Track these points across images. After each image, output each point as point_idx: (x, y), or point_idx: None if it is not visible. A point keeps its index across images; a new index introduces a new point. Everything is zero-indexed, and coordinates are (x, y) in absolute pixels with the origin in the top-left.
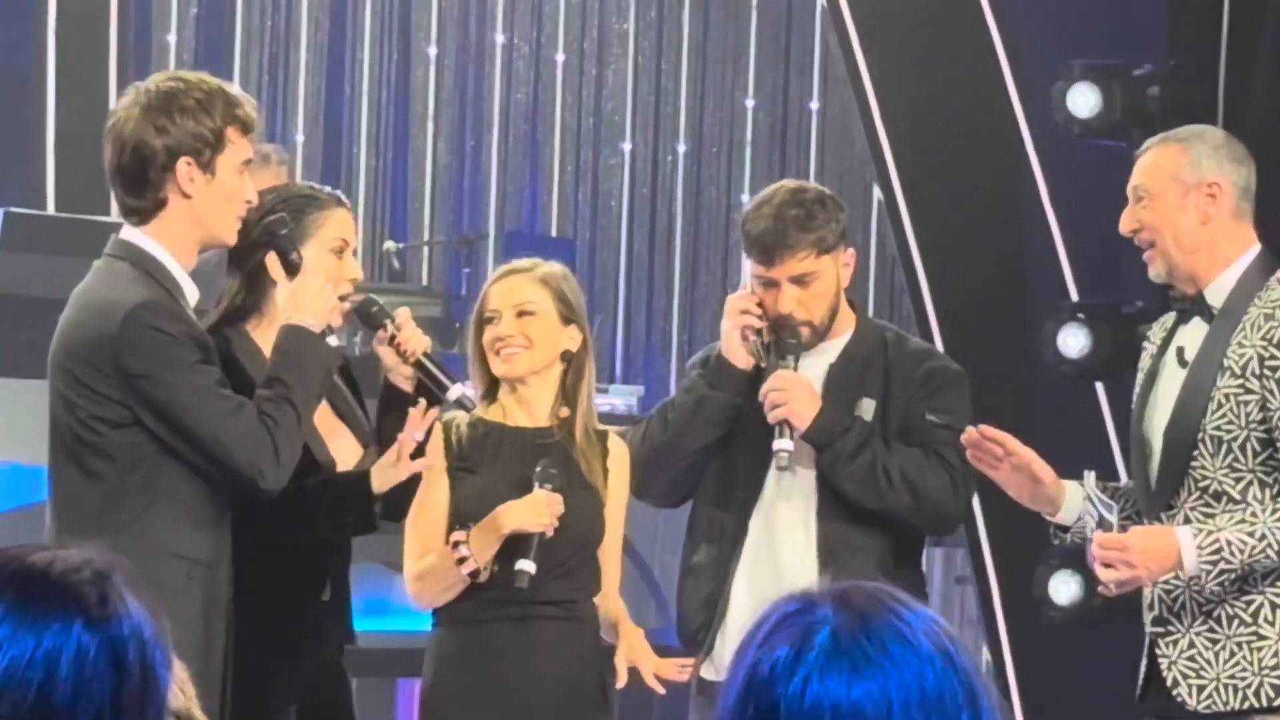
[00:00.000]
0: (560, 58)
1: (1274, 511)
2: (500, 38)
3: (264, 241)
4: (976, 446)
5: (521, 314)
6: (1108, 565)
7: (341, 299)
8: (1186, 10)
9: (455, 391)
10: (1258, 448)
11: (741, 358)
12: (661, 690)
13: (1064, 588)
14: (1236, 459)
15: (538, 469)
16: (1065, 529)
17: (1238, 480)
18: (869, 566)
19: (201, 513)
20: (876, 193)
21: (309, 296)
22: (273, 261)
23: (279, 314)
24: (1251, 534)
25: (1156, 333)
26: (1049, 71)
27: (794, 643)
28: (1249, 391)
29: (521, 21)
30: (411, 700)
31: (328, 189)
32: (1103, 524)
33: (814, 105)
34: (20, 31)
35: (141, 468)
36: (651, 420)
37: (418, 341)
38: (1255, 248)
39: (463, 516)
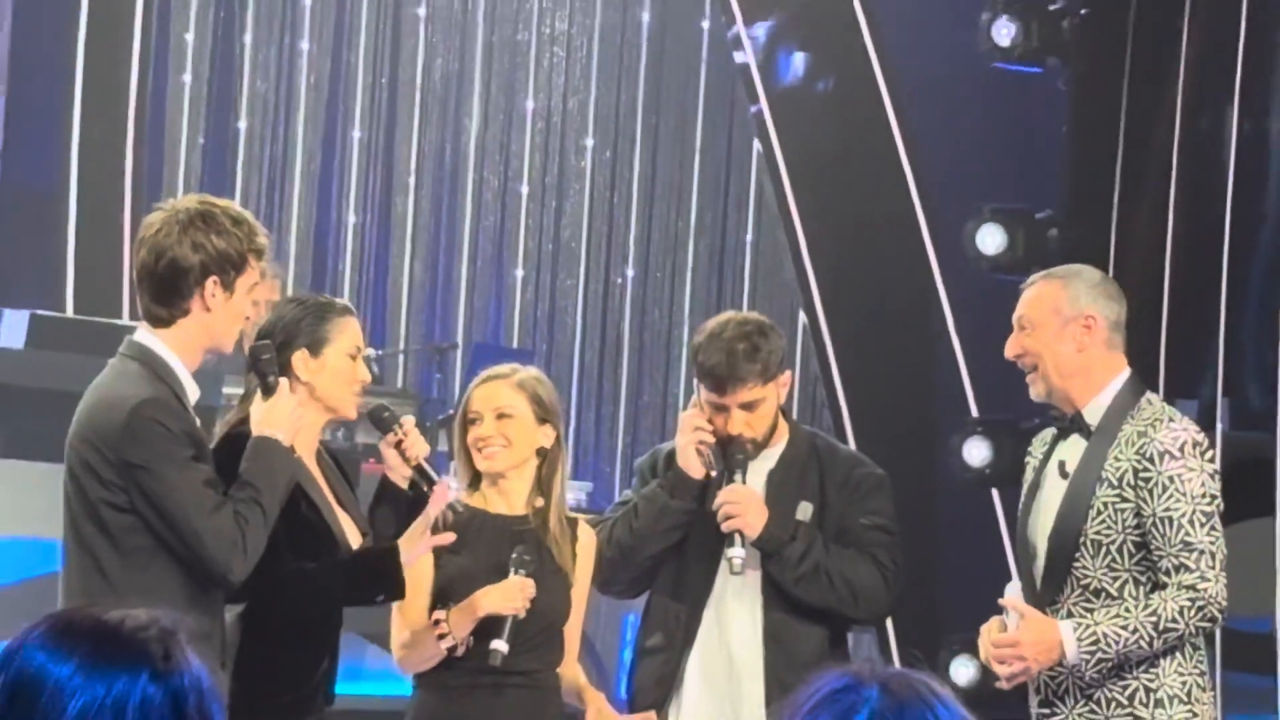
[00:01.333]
0: (524, 190)
1: (1145, 607)
2: (472, 172)
3: (249, 363)
4: (997, 662)
5: (500, 416)
6: (1001, 662)
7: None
8: (1083, 162)
9: (449, 484)
10: (1133, 550)
11: (697, 469)
12: None
13: (963, 671)
14: (1114, 560)
15: (514, 555)
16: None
17: (1115, 579)
18: (808, 650)
19: (194, 592)
20: (802, 317)
21: (280, 414)
22: (298, 361)
23: (259, 427)
24: (1125, 627)
25: (1038, 447)
26: (959, 213)
27: (836, 717)
28: (1125, 500)
29: (490, 158)
30: None
31: (339, 300)
32: (1003, 626)
33: (749, 238)
34: (47, 157)
35: (141, 551)
36: (616, 525)
37: (420, 447)
38: (1126, 372)
39: (444, 595)
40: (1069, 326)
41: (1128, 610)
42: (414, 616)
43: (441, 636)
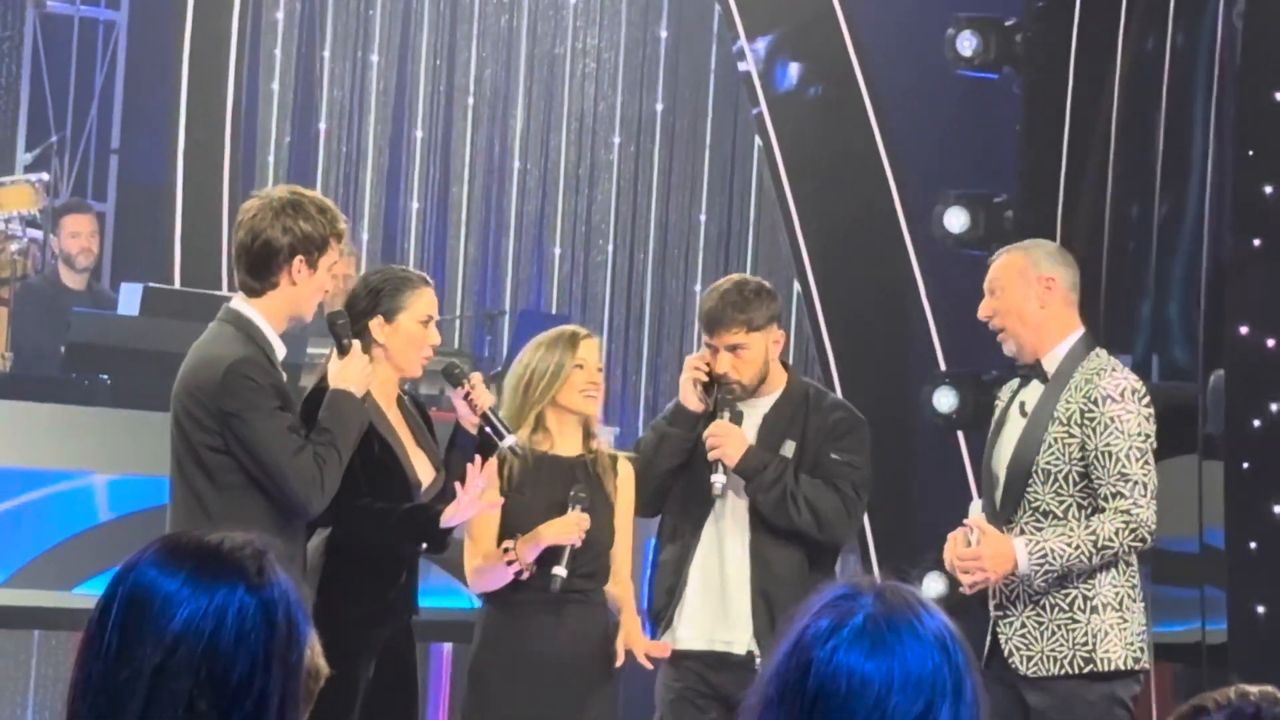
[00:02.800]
0: (561, 180)
1: (1086, 527)
2: (517, 164)
3: (335, 330)
4: (960, 570)
5: (599, 369)
6: (965, 572)
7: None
8: (1034, 154)
9: (508, 440)
10: (1077, 479)
11: (692, 401)
12: (650, 666)
13: (934, 585)
14: (1061, 487)
15: (571, 493)
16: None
17: (1061, 503)
18: (788, 569)
19: (280, 522)
20: (796, 286)
21: (353, 371)
22: (375, 325)
23: (334, 381)
24: (1069, 544)
25: (1004, 392)
26: (929, 197)
27: (834, 619)
28: (1072, 436)
29: (532, 153)
30: (442, 659)
31: (417, 271)
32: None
33: (751, 220)
34: (158, 155)
35: (235, 487)
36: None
37: (485, 398)
38: (1080, 329)
39: (511, 527)
40: (1032, 286)
41: (1071, 530)
42: (486, 546)
43: (510, 563)
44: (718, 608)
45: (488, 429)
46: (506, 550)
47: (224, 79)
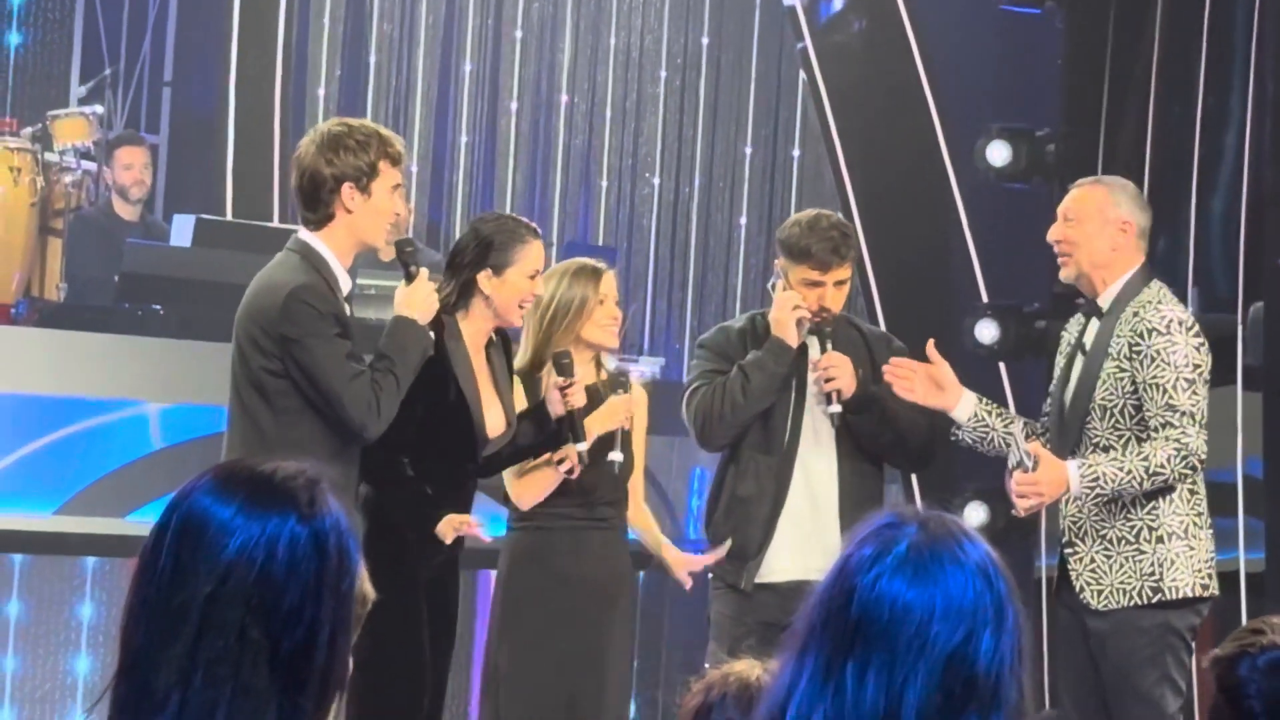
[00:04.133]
0: (608, 114)
1: (1139, 454)
2: (564, 97)
3: (402, 257)
4: (893, 374)
5: (618, 303)
6: (1021, 496)
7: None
8: (1075, 87)
9: (582, 446)
10: (1132, 412)
11: (794, 338)
12: (688, 584)
13: (974, 515)
14: (1117, 421)
15: (607, 381)
16: (959, 426)
17: (1120, 437)
18: (868, 492)
19: (334, 447)
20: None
21: (418, 299)
22: (483, 278)
23: (399, 308)
24: (1120, 469)
25: (1071, 329)
26: (972, 131)
27: (878, 547)
28: (1123, 370)
29: (580, 85)
30: (489, 585)
31: (527, 221)
32: (1022, 466)
33: (795, 153)
34: (209, 86)
35: (292, 411)
36: (718, 392)
37: (579, 399)
38: (1138, 264)
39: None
40: (1109, 227)
41: (1124, 456)
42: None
43: (559, 462)
44: (810, 537)
45: (566, 424)
46: (556, 455)
47: (275, 12)
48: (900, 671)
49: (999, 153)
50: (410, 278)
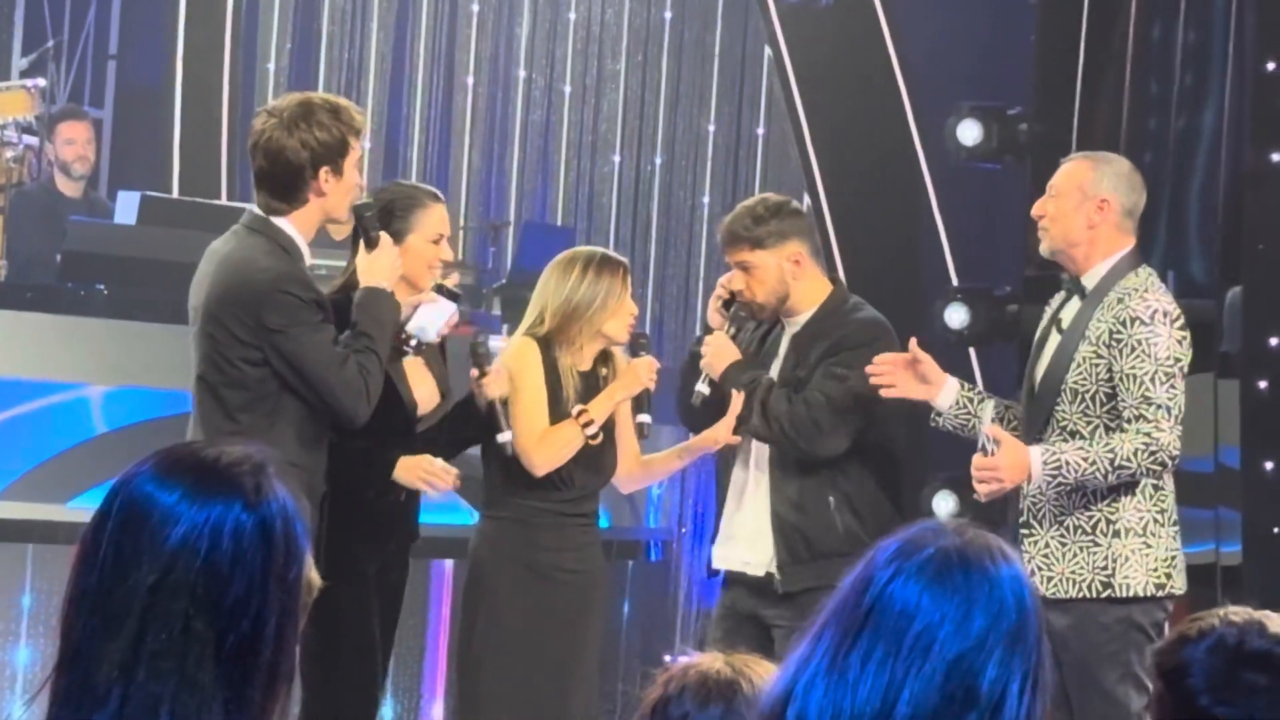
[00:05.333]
0: (567, 89)
1: (1105, 444)
2: (522, 73)
3: (363, 223)
4: (873, 372)
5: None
6: (981, 482)
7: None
8: (1049, 64)
9: (504, 436)
10: (1104, 399)
11: (715, 319)
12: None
13: (943, 503)
14: (1088, 407)
15: (631, 344)
16: (940, 414)
17: (1088, 423)
18: (803, 491)
19: (309, 434)
20: (806, 199)
21: (383, 264)
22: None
23: (364, 277)
24: (1085, 458)
25: (1053, 303)
26: (942, 109)
27: (907, 548)
28: (1100, 357)
29: (538, 61)
30: (444, 576)
31: (427, 187)
32: (983, 450)
33: (760, 131)
34: (155, 58)
35: (269, 398)
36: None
37: (494, 391)
38: (1127, 247)
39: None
40: (1087, 203)
41: (1090, 445)
42: (543, 423)
43: (586, 425)
44: (740, 529)
45: (488, 414)
46: (581, 413)
47: None
48: (901, 667)
49: (970, 132)
50: (371, 243)
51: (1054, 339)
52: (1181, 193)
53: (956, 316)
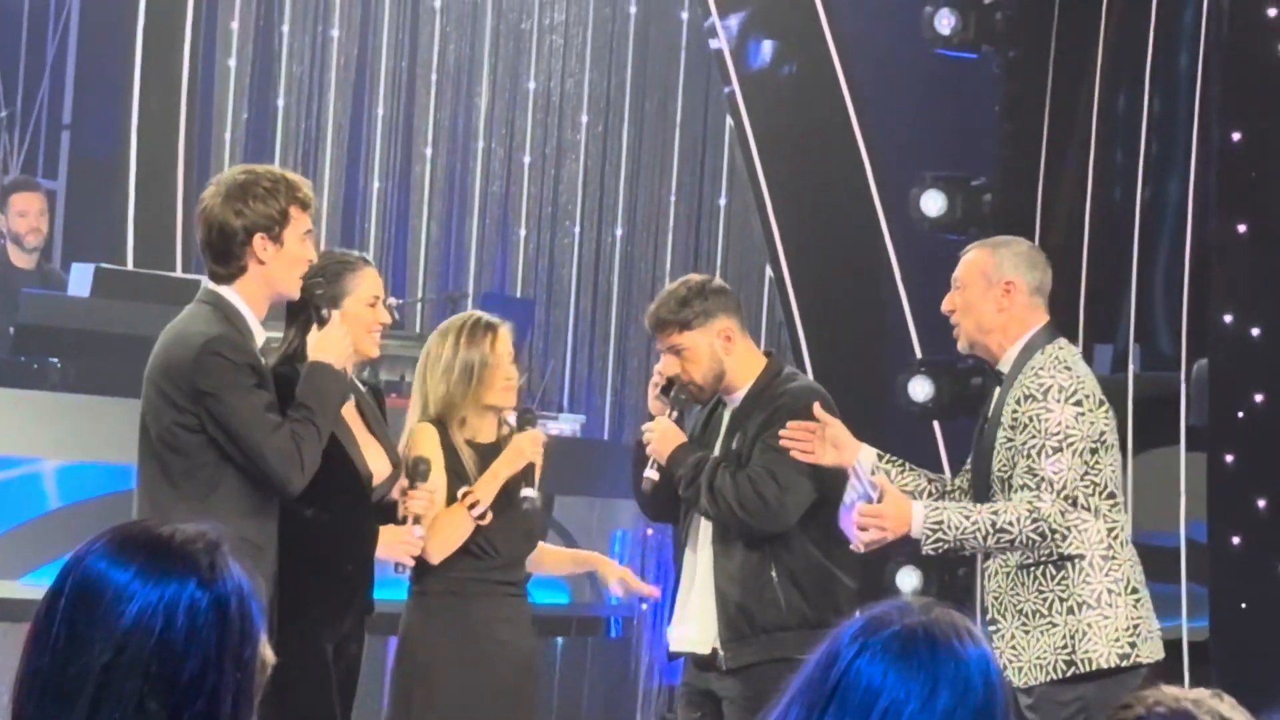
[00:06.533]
0: (527, 159)
1: (990, 507)
2: (481, 143)
3: (303, 302)
4: (789, 440)
5: (513, 360)
6: (864, 529)
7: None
8: (1013, 136)
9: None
10: None
11: (655, 406)
12: (620, 591)
13: (907, 579)
14: (1015, 492)
15: (516, 417)
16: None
17: None
18: (744, 567)
19: (254, 503)
20: (769, 271)
21: (332, 343)
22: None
23: (313, 353)
24: (967, 518)
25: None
26: (905, 179)
27: (872, 625)
28: (1010, 440)
29: (497, 131)
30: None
31: (357, 252)
32: (867, 498)
33: (722, 201)
34: (109, 128)
35: (208, 466)
36: None
37: (415, 509)
38: (1040, 324)
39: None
40: (991, 290)
41: (974, 507)
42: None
43: (472, 506)
44: (690, 608)
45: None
46: (466, 494)
47: (179, 52)
48: None
49: (933, 202)
50: (322, 321)
51: (984, 430)
52: (1148, 265)
53: (920, 389)
